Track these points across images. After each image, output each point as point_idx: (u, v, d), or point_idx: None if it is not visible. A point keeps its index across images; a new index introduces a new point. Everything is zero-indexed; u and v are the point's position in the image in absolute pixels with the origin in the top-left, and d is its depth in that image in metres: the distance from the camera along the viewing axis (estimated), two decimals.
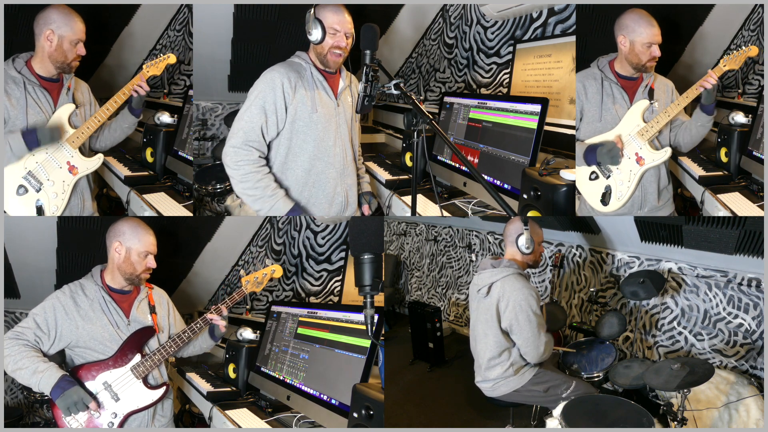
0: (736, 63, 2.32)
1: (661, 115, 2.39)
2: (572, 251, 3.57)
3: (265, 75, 2.30)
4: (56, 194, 2.44)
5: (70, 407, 2.12)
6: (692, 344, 2.93)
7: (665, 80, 2.55)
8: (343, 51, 2.33)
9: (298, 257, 3.74)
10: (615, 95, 2.47)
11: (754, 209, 2.53)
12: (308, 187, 2.40)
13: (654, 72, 2.49)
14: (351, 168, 2.52)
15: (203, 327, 2.50)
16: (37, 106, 2.42)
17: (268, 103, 2.27)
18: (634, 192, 2.44)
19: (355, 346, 2.63)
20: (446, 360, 4.13)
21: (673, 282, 2.98)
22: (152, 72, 2.59)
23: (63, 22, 2.40)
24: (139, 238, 2.35)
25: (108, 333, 2.29)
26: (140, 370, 2.31)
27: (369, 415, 2.22)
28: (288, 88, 2.28)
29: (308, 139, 2.34)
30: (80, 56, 2.47)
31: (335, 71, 2.42)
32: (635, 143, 2.42)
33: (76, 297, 2.30)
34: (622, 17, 2.44)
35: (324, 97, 2.37)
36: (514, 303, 2.39)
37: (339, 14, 2.30)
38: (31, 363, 2.14)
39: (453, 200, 2.97)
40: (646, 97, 2.45)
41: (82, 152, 2.57)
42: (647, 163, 2.41)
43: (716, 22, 3.25)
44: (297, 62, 2.38)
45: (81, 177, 2.53)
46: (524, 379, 2.47)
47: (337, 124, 2.41)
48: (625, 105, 2.46)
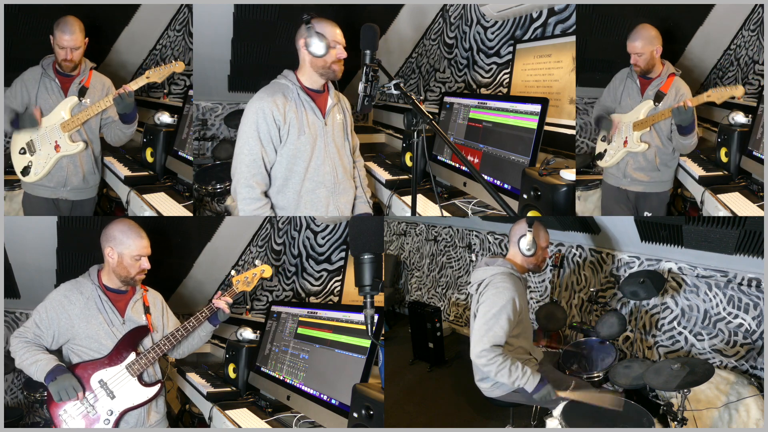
0: (719, 98, 2.52)
1: (649, 118, 2.76)
2: (572, 251, 3.57)
3: (253, 105, 2.29)
4: (40, 162, 2.85)
5: (60, 392, 2.19)
6: (692, 344, 2.93)
7: (680, 85, 2.72)
8: (341, 62, 2.34)
9: (298, 257, 3.74)
10: (631, 90, 2.85)
11: (754, 209, 2.54)
12: (301, 208, 2.40)
13: (674, 74, 2.73)
14: (344, 185, 2.49)
15: (207, 315, 2.50)
16: (47, 95, 2.81)
17: (263, 133, 2.28)
18: (619, 161, 2.91)
19: (355, 346, 2.63)
20: (446, 360, 4.13)
21: (673, 282, 2.98)
22: (153, 78, 2.74)
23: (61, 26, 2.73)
24: (130, 242, 2.35)
25: (103, 331, 2.32)
26: (135, 368, 2.33)
27: (369, 415, 2.22)
28: (278, 115, 2.28)
29: (297, 161, 2.34)
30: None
31: (323, 89, 2.42)
32: (628, 130, 2.85)
33: (72, 295, 2.33)
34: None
35: (311, 118, 2.36)
36: (488, 297, 2.35)
37: (336, 27, 2.32)
38: (31, 355, 2.24)
39: (453, 200, 2.97)
40: (652, 97, 2.75)
41: (73, 139, 2.85)
42: (628, 147, 2.85)
43: (716, 22, 3.25)
44: (283, 83, 2.36)
45: (62, 155, 2.84)
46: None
47: (325, 143, 2.40)
48: (636, 98, 2.82)
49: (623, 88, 2.87)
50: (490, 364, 2.26)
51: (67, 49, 2.74)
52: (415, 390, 3.80)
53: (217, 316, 2.53)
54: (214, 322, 2.56)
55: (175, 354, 2.59)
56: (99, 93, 2.88)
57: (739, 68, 3.30)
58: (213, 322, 2.56)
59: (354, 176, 2.59)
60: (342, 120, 2.50)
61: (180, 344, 2.55)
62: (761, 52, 3.10)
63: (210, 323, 2.56)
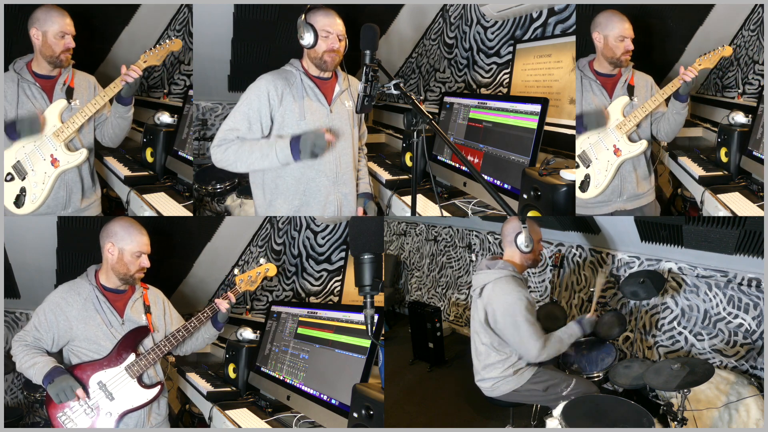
0: (711, 62, 2.47)
1: (638, 110, 2.53)
2: (572, 251, 3.57)
3: (253, 83, 2.32)
4: (36, 184, 2.52)
5: (59, 393, 2.17)
6: (692, 344, 2.93)
7: (644, 76, 2.62)
8: (336, 53, 2.32)
9: (298, 257, 3.74)
10: (594, 91, 2.59)
11: (754, 209, 2.53)
12: (299, 195, 2.37)
13: (632, 68, 2.61)
14: (347, 176, 2.45)
15: (209, 316, 2.49)
16: (29, 102, 2.51)
17: (252, 111, 2.28)
18: (611, 181, 2.56)
19: (355, 346, 2.63)
20: (446, 360, 4.13)
21: (673, 282, 2.97)
22: (150, 62, 2.49)
23: (45, 18, 2.49)
24: (131, 239, 2.34)
25: (102, 332, 2.30)
26: (135, 369, 2.32)
27: (369, 415, 2.22)
28: (274, 96, 2.28)
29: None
30: (69, 48, 2.53)
31: (330, 76, 2.41)
32: (613, 135, 2.55)
33: (69, 296, 2.32)
34: (596, 17, 2.58)
35: (314, 104, 2.35)
36: (501, 309, 2.40)
37: (329, 17, 2.30)
38: (30, 358, 2.23)
39: (453, 200, 2.97)
40: (626, 93, 2.57)
41: (70, 149, 2.57)
42: (624, 155, 2.54)
43: (716, 22, 3.25)
44: (288, 70, 2.37)
45: (62, 170, 2.55)
46: (523, 379, 2.47)
47: (330, 131, 2.38)
48: (604, 100, 2.58)
49: (582, 90, 2.59)
50: (547, 355, 2.40)
51: (68, 36, 2.49)
52: (415, 390, 3.80)
53: (217, 317, 2.53)
54: (217, 326, 2.56)
55: (177, 351, 2.59)
56: (86, 92, 2.61)
57: (739, 68, 3.30)
58: (216, 326, 2.56)
59: (359, 164, 2.58)
60: (351, 106, 2.45)
61: (182, 344, 2.55)
62: (761, 52, 3.10)
63: (214, 327, 2.56)
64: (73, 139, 2.58)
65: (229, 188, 3.38)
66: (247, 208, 3.27)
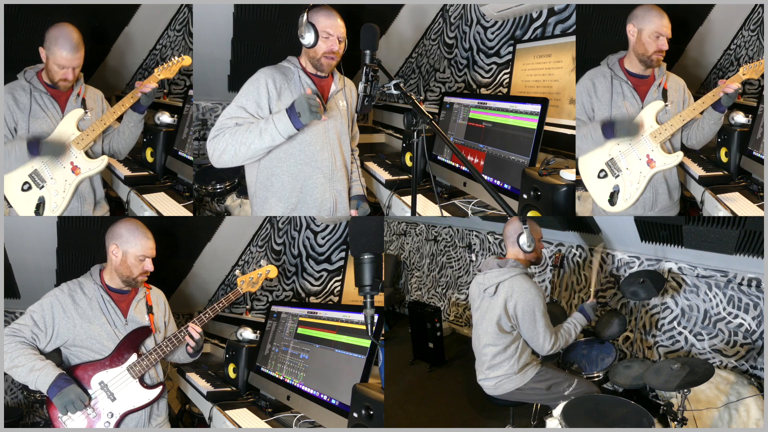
0: (756, 72, 2.28)
1: (675, 118, 2.35)
2: (572, 251, 3.57)
3: (252, 76, 2.32)
4: (57, 192, 2.50)
5: (67, 405, 2.12)
6: (692, 344, 2.93)
7: (677, 78, 2.48)
8: (335, 55, 2.32)
9: (298, 257, 3.74)
10: (625, 93, 2.41)
11: (754, 209, 2.53)
12: (296, 192, 2.37)
13: (666, 70, 2.45)
14: (341, 173, 2.47)
15: (182, 340, 2.42)
16: (42, 112, 2.49)
17: (250, 102, 2.28)
18: (643, 193, 2.40)
19: (355, 346, 2.63)
20: (446, 360, 4.13)
21: (673, 282, 2.98)
22: (164, 75, 2.60)
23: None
24: (136, 242, 2.33)
25: (105, 332, 2.29)
26: (136, 369, 2.30)
27: (369, 415, 2.22)
28: (272, 89, 2.28)
29: (294, 143, 2.32)
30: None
31: (327, 75, 2.42)
32: (647, 144, 2.37)
33: (75, 295, 2.29)
34: (635, 9, 2.41)
35: None
36: (522, 304, 2.43)
37: (332, 18, 2.30)
38: (28, 361, 2.14)
39: (453, 200, 2.97)
40: (660, 98, 2.40)
41: (90, 156, 2.59)
42: (658, 166, 2.37)
43: (716, 21, 3.25)
44: (286, 66, 2.38)
45: (83, 177, 2.56)
46: (527, 378, 2.49)
47: (325, 128, 2.38)
48: (636, 104, 2.40)
49: (612, 91, 2.42)
50: (558, 346, 2.49)
51: (68, 69, 2.45)
52: (415, 390, 3.80)
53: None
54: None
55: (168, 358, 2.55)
56: (96, 105, 2.65)
57: (740, 68, 3.30)
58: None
59: (352, 163, 2.59)
60: (345, 107, 2.47)
61: (173, 352, 2.51)
62: (761, 52, 3.10)
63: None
64: (92, 146, 2.60)
65: (229, 188, 3.38)
66: (247, 208, 3.27)
